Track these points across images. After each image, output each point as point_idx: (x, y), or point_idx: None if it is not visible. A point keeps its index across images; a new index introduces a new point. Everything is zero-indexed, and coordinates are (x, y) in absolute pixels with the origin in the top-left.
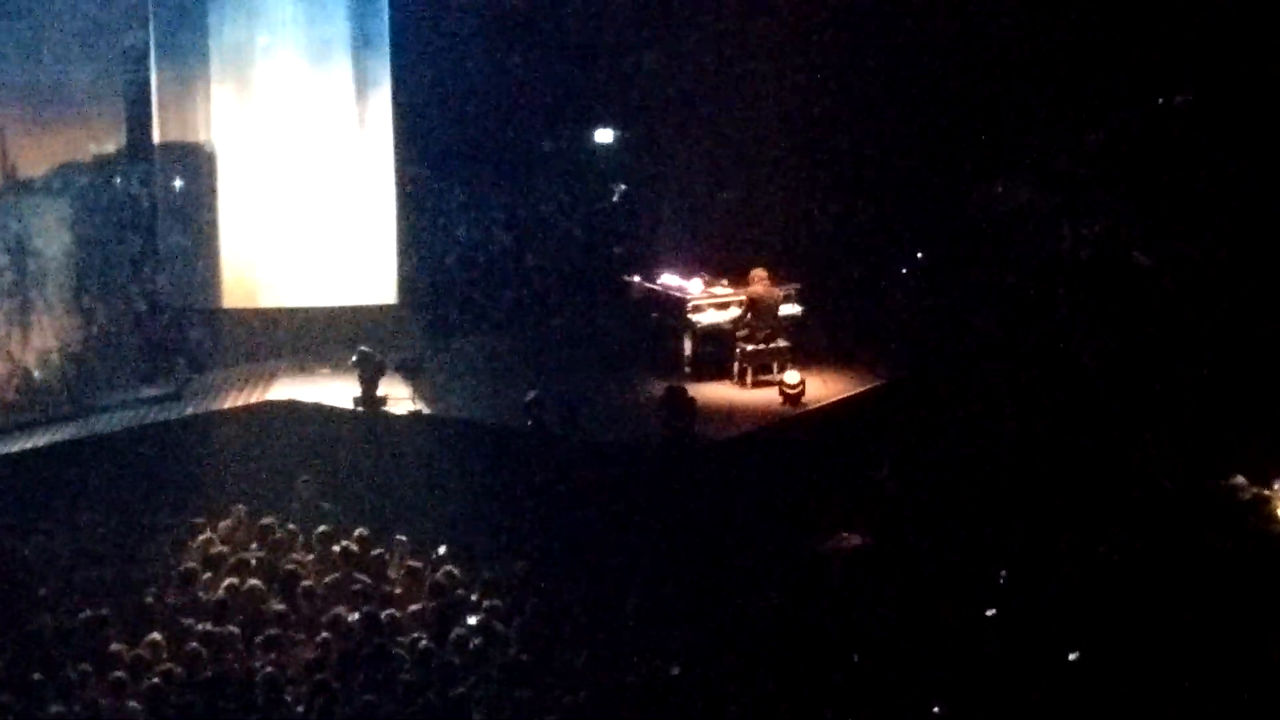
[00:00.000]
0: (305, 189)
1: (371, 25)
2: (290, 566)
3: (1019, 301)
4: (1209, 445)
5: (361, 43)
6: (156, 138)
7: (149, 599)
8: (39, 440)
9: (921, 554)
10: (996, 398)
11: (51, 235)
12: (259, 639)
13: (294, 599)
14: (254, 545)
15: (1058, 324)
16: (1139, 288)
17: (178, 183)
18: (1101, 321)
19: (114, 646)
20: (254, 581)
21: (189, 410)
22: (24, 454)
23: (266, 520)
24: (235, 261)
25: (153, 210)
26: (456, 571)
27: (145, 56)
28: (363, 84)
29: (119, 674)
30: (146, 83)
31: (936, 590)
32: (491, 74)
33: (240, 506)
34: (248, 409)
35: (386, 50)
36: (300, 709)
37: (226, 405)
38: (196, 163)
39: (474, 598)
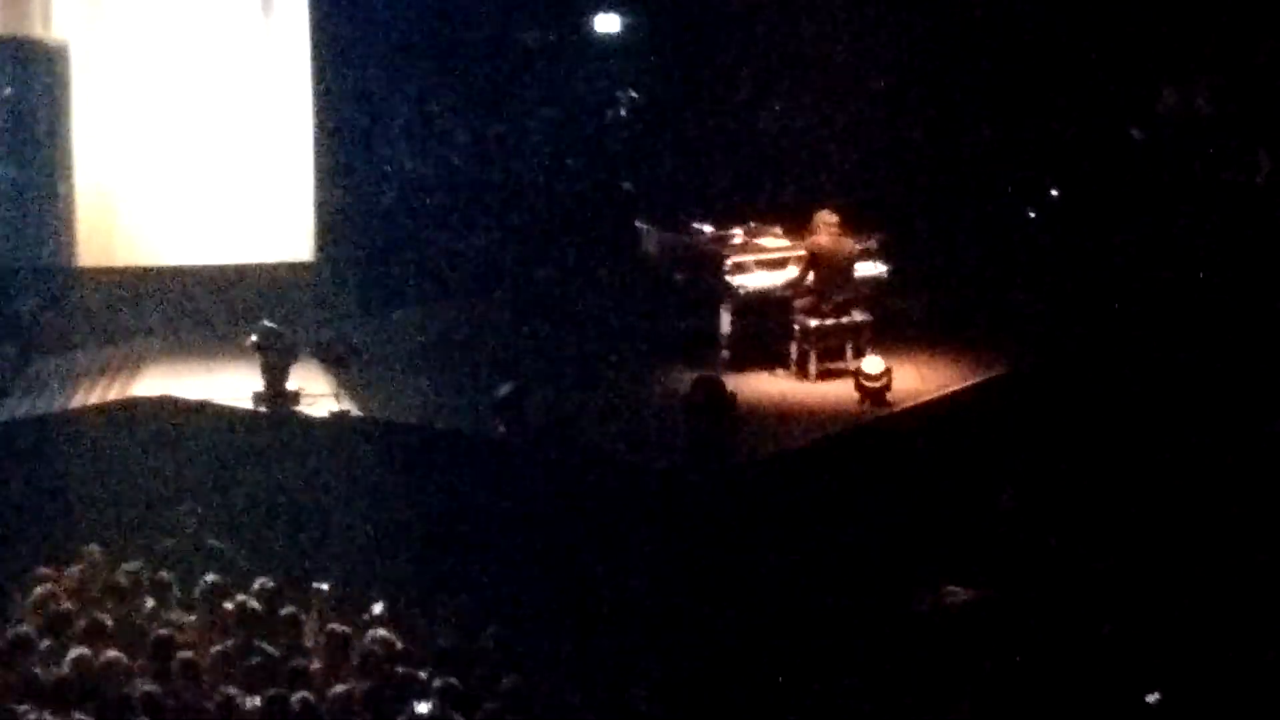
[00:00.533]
0: (186, 103)
1: None
2: (163, 631)
3: (1193, 256)
4: None
5: None
6: None
7: None
8: None
9: (1058, 612)
10: (1161, 392)
11: None
12: None
13: (168, 676)
14: (112, 602)
15: (1246, 287)
16: None
17: (5, 92)
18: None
19: None
20: (112, 653)
21: (20, 412)
22: None
23: (130, 566)
24: (90, 204)
25: None
26: (397, 639)
27: None
28: None
29: None
30: None
31: (1078, 663)
32: None
33: (93, 547)
34: (105, 409)
35: None
36: None
37: (75, 404)
38: (31, 66)
39: (423, 675)
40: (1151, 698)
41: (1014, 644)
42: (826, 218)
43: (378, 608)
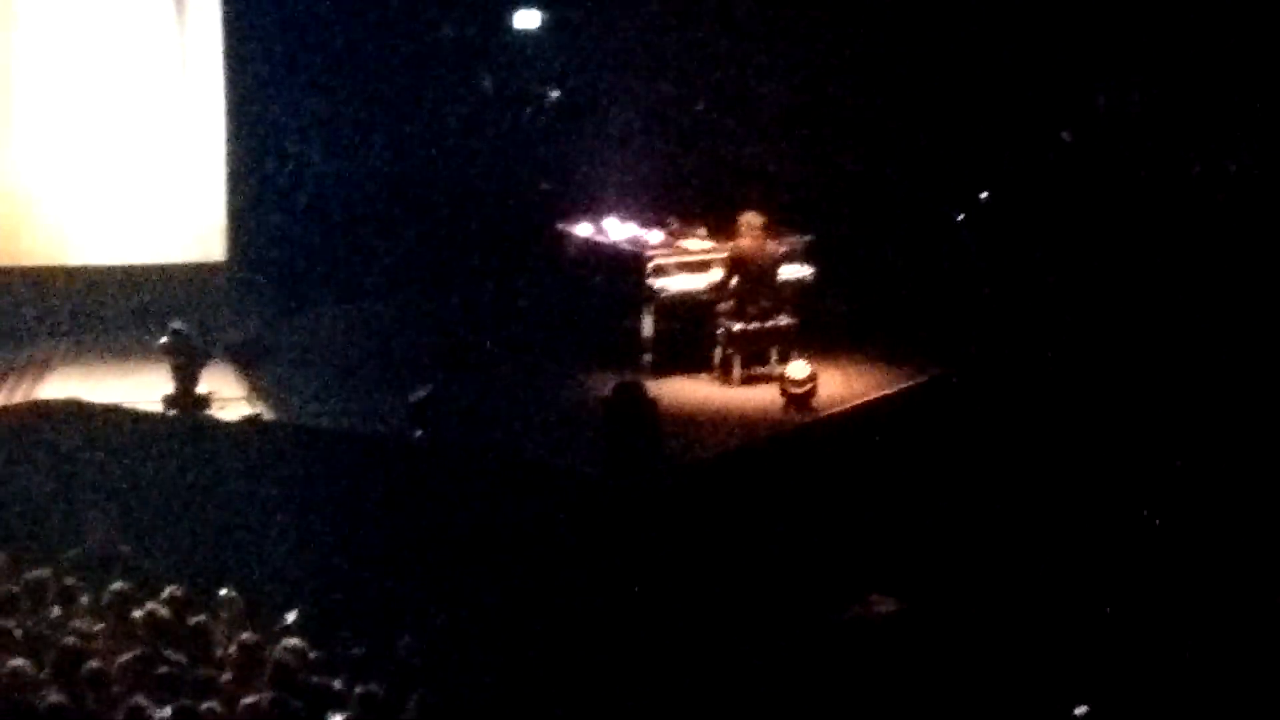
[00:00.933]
0: (95, 99)
1: None
2: (69, 640)
3: (1124, 259)
4: None
5: None
6: None
7: None
8: None
9: (981, 622)
10: (1090, 397)
11: None
12: None
13: (75, 686)
14: (17, 608)
15: (1181, 289)
16: None
17: None
18: (1244, 288)
19: None
20: (17, 662)
21: None
22: None
23: (36, 573)
24: None
25: None
26: (310, 648)
27: None
28: None
29: None
30: None
31: (1004, 674)
32: None
33: None
34: (9, 412)
35: None
36: None
37: None
38: None
39: (337, 685)
40: (1080, 710)
41: (938, 656)
42: (751, 220)
43: (290, 616)
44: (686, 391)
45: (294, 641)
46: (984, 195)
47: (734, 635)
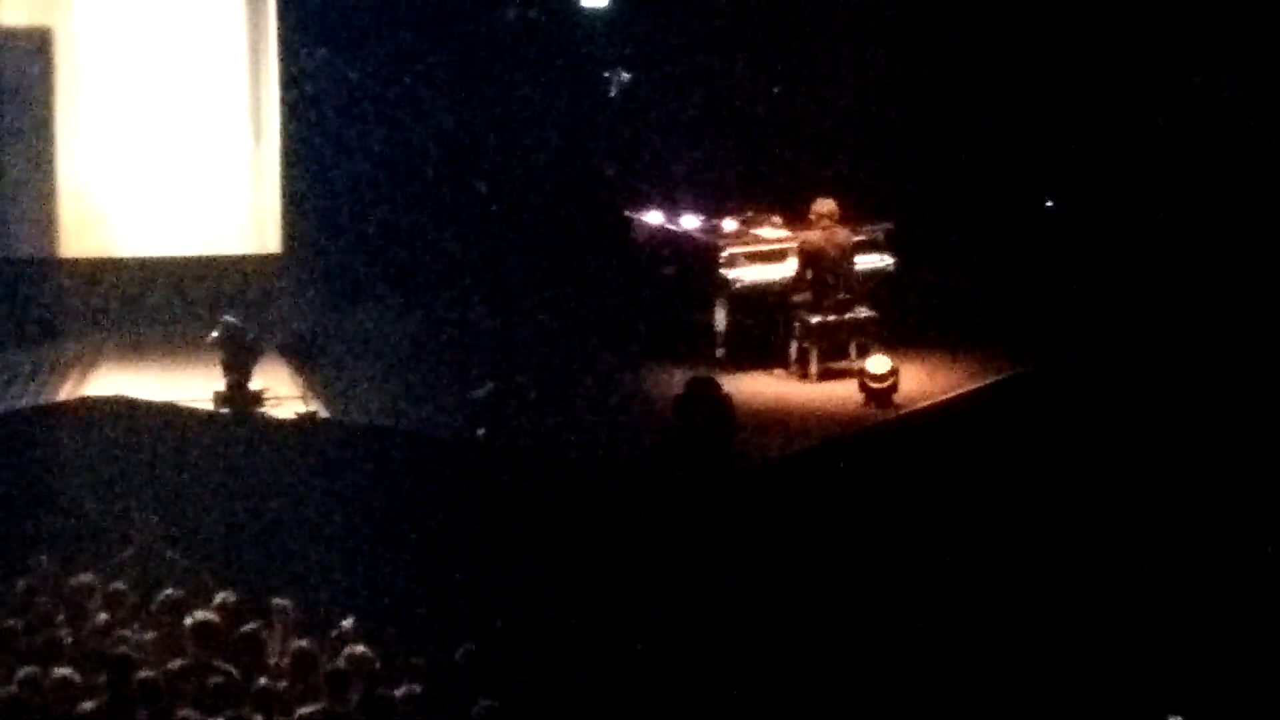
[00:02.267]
0: (151, 89)
1: None
2: (119, 649)
3: (1226, 250)
4: None
5: None
6: None
7: None
8: None
9: (1086, 633)
10: (1191, 394)
11: None
12: None
13: (124, 697)
14: (63, 616)
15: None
16: None
17: None
18: None
19: None
20: (63, 671)
21: None
22: None
23: (83, 578)
24: (55, 194)
25: None
26: (370, 655)
27: None
28: None
29: None
30: None
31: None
32: None
33: (43, 558)
34: (56, 409)
35: None
36: None
37: (23, 404)
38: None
39: (397, 695)
40: None
41: (1030, 668)
42: (821, 208)
43: (347, 623)
44: (761, 387)
45: (354, 649)
46: (1075, 181)
47: (815, 641)
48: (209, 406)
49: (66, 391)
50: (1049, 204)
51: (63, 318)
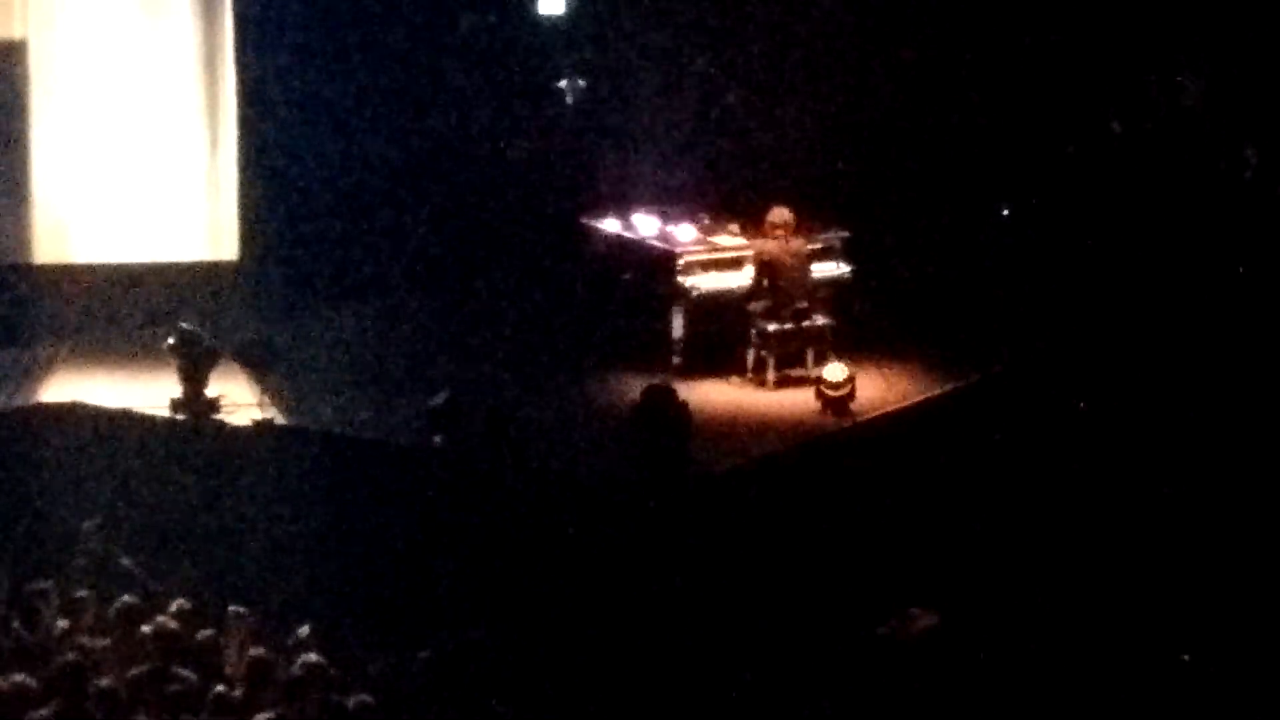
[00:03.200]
0: (102, 93)
1: None
2: (71, 656)
3: (1175, 258)
4: None
5: None
6: None
7: None
8: None
9: (1028, 637)
10: (1143, 399)
11: None
12: None
13: (79, 706)
14: (16, 623)
15: (1232, 290)
16: None
17: None
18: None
19: None
20: (19, 677)
21: None
22: None
23: (38, 586)
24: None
25: None
26: (324, 663)
27: None
28: None
29: None
30: None
31: (1051, 694)
32: None
33: None
34: (9, 415)
35: None
36: None
37: None
38: None
39: (350, 705)
40: None
41: (982, 673)
42: (776, 217)
43: (303, 631)
44: (718, 395)
45: (309, 657)
46: (1030, 188)
47: (768, 651)
48: (165, 413)
49: (22, 398)
50: (1003, 211)
51: (18, 323)
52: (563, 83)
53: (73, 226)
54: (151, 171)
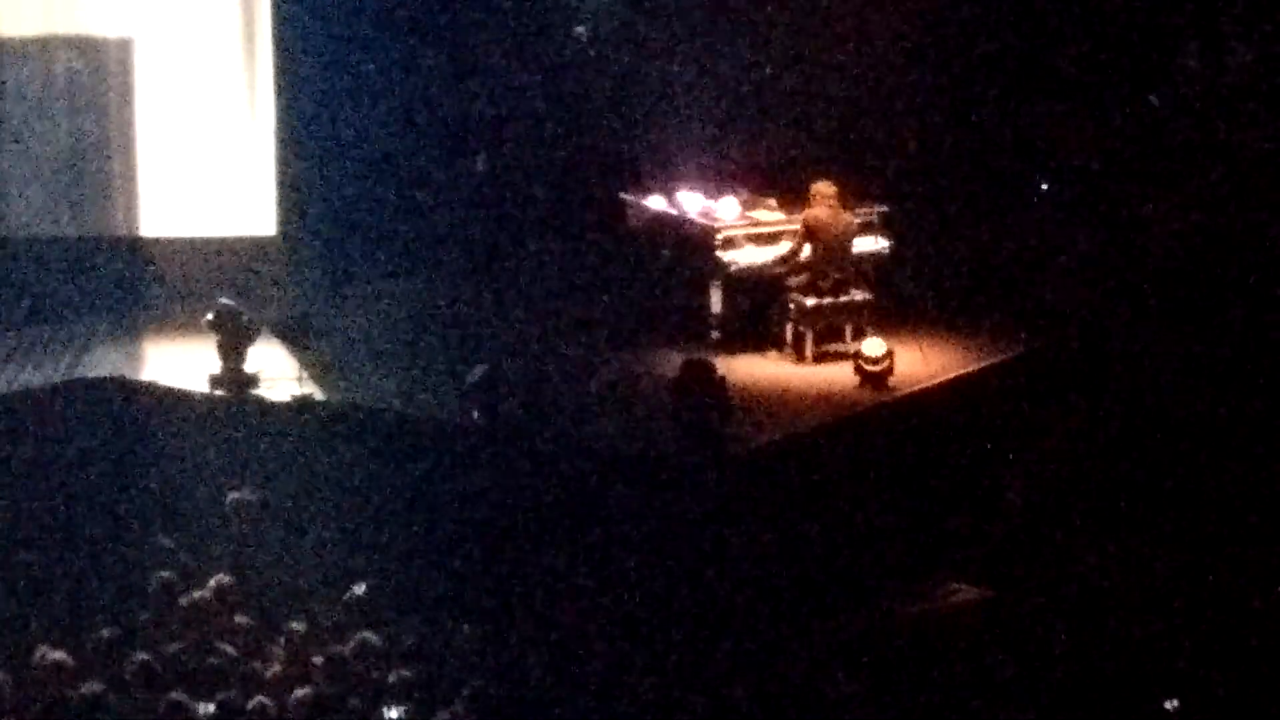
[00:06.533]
0: (136, 68)
1: None
2: (106, 632)
3: (1218, 232)
4: None
5: None
6: None
7: None
8: None
9: (1071, 612)
10: (1181, 375)
11: None
12: None
13: (118, 681)
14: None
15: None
16: None
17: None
18: None
19: None
20: (56, 655)
21: None
22: None
23: (77, 561)
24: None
25: None
26: (371, 637)
27: None
28: None
29: None
30: None
31: (1087, 668)
32: None
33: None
34: (48, 390)
35: None
36: None
37: (14, 386)
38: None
39: (390, 679)
40: (1170, 704)
41: (1020, 647)
42: (824, 189)
43: (359, 588)
44: (757, 369)
45: (361, 634)
46: (1070, 163)
47: (807, 626)
48: (204, 388)
49: (60, 373)
50: (1043, 186)
51: (58, 297)
52: (601, 58)
53: (112, 200)
54: (191, 147)
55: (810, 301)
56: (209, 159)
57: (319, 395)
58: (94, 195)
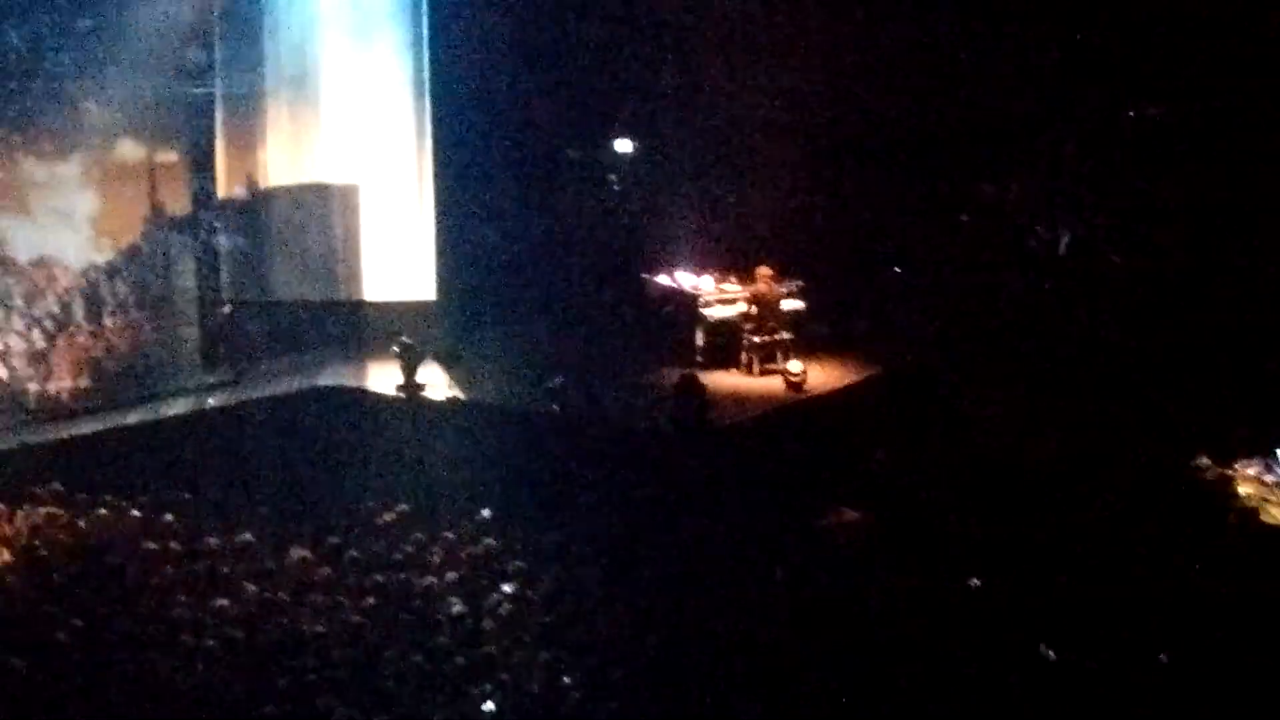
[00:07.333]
0: (348, 179)
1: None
2: (334, 539)
3: (1005, 296)
4: (1178, 428)
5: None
6: (219, 149)
7: (216, 567)
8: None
9: (915, 529)
10: (985, 385)
11: (118, 234)
12: (308, 603)
13: (340, 569)
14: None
15: (1040, 316)
16: (1112, 284)
17: (237, 190)
18: (1077, 314)
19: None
20: (302, 552)
21: (249, 395)
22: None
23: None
24: (287, 258)
25: (212, 213)
26: (493, 542)
27: (208, 71)
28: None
29: (185, 638)
30: (210, 96)
31: (928, 563)
32: (519, 86)
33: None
34: (295, 395)
35: (427, 63)
36: (344, 672)
37: (279, 390)
38: (254, 172)
39: (507, 569)
40: (972, 582)
41: (885, 550)
42: (764, 271)
43: (485, 512)
44: (724, 379)
45: (484, 540)
46: (913, 254)
47: (754, 536)
48: (392, 393)
49: (306, 383)
50: (897, 270)
51: (308, 337)
52: (631, 195)
53: (339, 278)
54: (386, 250)
55: (756, 339)
56: (399, 256)
57: (461, 396)
58: (329, 275)
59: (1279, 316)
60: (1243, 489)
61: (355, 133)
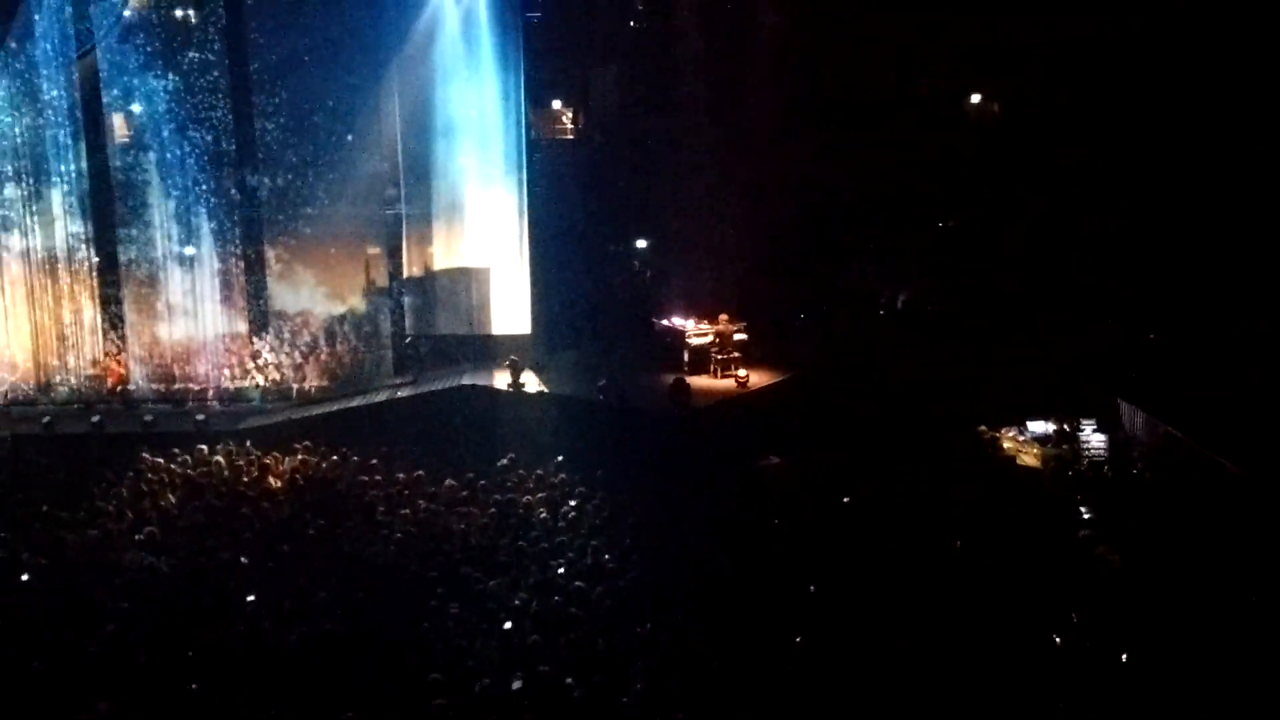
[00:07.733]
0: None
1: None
2: (470, 474)
3: (864, 332)
4: (968, 409)
5: (512, 184)
6: (404, 246)
7: (401, 491)
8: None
9: (813, 469)
10: (852, 386)
11: (345, 296)
12: (456, 513)
13: (474, 491)
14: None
15: (886, 345)
16: (929, 325)
17: (415, 270)
18: (909, 343)
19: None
20: (452, 482)
21: (421, 390)
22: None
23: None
24: (445, 308)
25: (400, 283)
26: (564, 476)
27: (396, 202)
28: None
29: (383, 533)
30: (398, 215)
31: (821, 490)
32: (581, 207)
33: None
34: (446, 391)
35: (523, 182)
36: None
37: (439, 386)
38: (426, 260)
39: (572, 493)
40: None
41: (800, 487)
42: (724, 317)
43: (560, 458)
44: (700, 380)
45: (560, 476)
46: (811, 307)
47: (718, 474)
48: (506, 389)
49: (453, 382)
50: (802, 316)
51: (453, 356)
52: (646, 268)
53: (474, 318)
54: (503, 301)
55: (719, 356)
56: (510, 307)
57: (546, 391)
58: (470, 318)
59: (1023, 346)
60: (1006, 445)
61: (485, 236)
